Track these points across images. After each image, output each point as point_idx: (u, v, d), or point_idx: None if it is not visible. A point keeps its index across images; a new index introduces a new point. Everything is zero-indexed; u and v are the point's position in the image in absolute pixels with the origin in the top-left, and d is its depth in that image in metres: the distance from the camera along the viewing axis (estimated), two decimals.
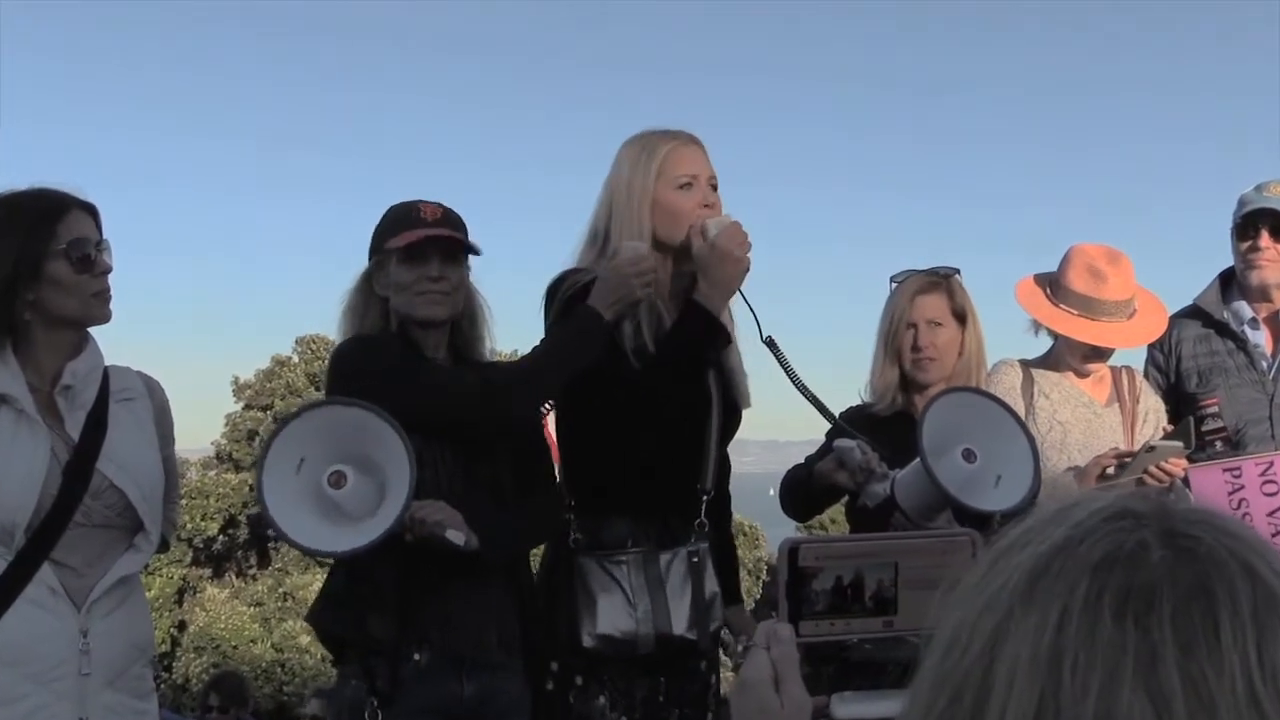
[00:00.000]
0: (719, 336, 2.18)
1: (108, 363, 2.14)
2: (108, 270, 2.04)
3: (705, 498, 2.25)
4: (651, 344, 2.18)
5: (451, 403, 2.05)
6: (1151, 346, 3.02)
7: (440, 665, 2.03)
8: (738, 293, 2.20)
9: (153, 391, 2.19)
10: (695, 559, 2.20)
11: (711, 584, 2.21)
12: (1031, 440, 2.24)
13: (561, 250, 2.30)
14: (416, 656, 2.02)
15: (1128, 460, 2.56)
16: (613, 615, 2.13)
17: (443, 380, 2.11)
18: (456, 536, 1.97)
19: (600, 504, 2.21)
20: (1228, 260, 3.02)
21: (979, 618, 0.55)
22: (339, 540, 1.90)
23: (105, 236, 2.06)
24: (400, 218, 2.16)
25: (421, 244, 2.11)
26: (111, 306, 2.06)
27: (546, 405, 2.23)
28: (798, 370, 2.27)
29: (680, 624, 2.16)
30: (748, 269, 2.16)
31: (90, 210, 2.07)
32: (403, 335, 2.15)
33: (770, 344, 2.24)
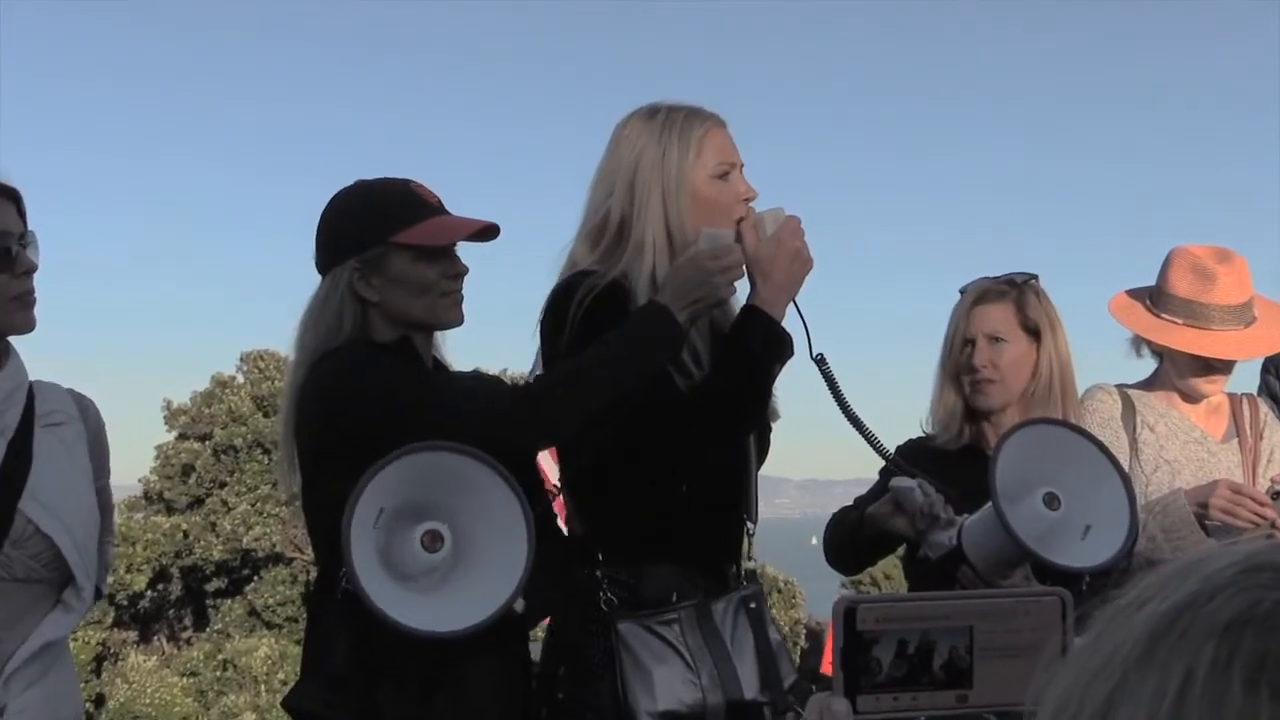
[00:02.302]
0: (785, 348, 2.13)
1: (32, 378, 2.08)
2: (31, 269, 1.98)
3: (750, 532, 2.24)
4: (700, 358, 2.14)
5: (491, 426, 1.96)
6: (1265, 370, 3.02)
7: None
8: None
9: (86, 413, 2.15)
10: (753, 605, 2.18)
11: (774, 632, 2.20)
12: (1128, 483, 2.21)
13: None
14: None
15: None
16: (674, 687, 2.07)
17: (478, 392, 2.07)
18: (519, 604, 1.90)
19: (637, 552, 2.15)
20: None
21: (1090, 684, 0.56)
22: (431, 614, 1.81)
23: (30, 228, 2.01)
24: (403, 203, 2.07)
25: (451, 237, 2.06)
26: (36, 312, 2.00)
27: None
28: (849, 395, 2.26)
29: (750, 686, 2.12)
30: (811, 267, 2.14)
31: (11, 196, 2.01)
32: (402, 347, 2.08)
33: (820, 362, 2.21)
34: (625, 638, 2.09)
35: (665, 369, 2.09)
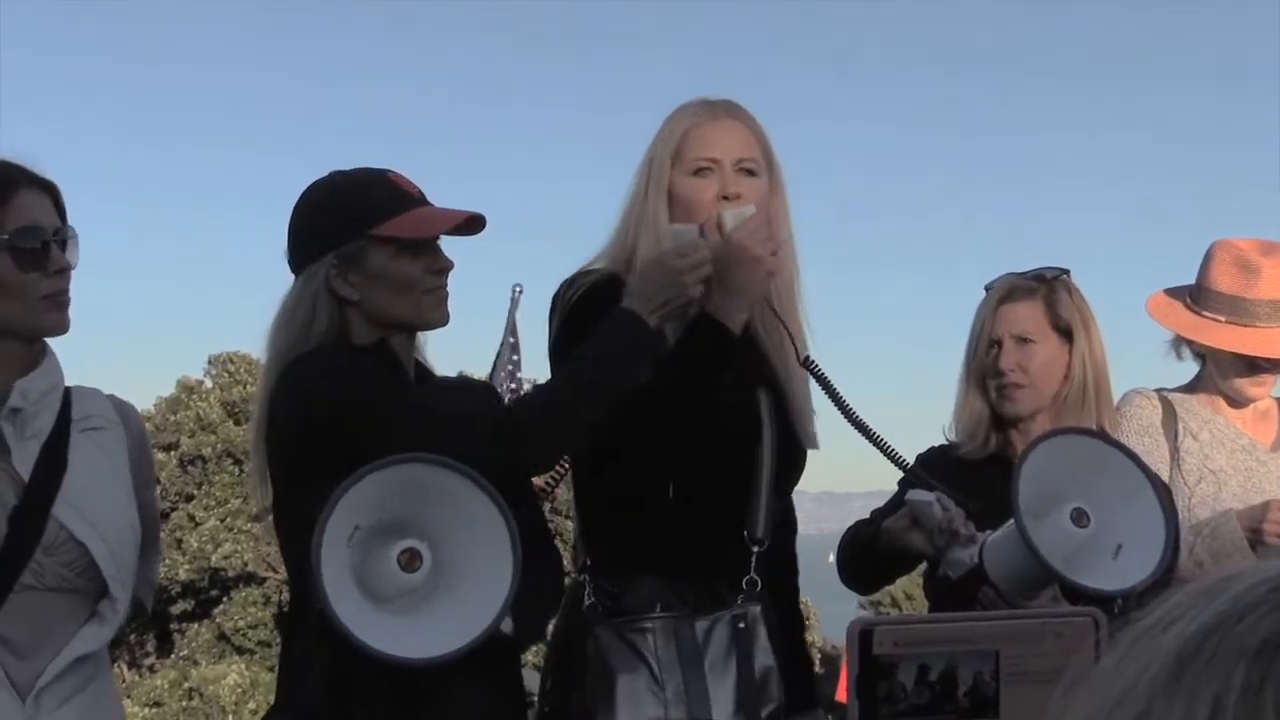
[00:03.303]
0: (739, 356, 2.20)
1: (69, 382, 2.10)
2: (66, 268, 2.01)
3: (756, 550, 2.25)
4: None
5: (476, 445, 1.97)
6: None
7: None
8: (768, 304, 2.23)
9: (128, 420, 2.16)
10: (742, 625, 2.19)
11: (765, 657, 2.20)
12: (1163, 498, 2.20)
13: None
14: None
15: None
16: (635, 698, 2.12)
17: (460, 414, 2.06)
18: (507, 625, 1.91)
19: (624, 559, 2.21)
20: None
21: (1112, 712, 0.56)
22: (410, 638, 1.81)
23: (70, 224, 2.03)
24: (382, 194, 2.08)
25: (435, 228, 2.07)
26: (70, 313, 2.03)
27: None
28: (848, 400, 2.29)
29: (724, 709, 2.14)
30: (771, 272, 2.19)
31: (46, 188, 2.03)
32: (380, 350, 2.07)
33: (808, 365, 2.27)
34: (599, 644, 2.14)
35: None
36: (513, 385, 6.41)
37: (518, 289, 6.88)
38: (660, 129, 2.31)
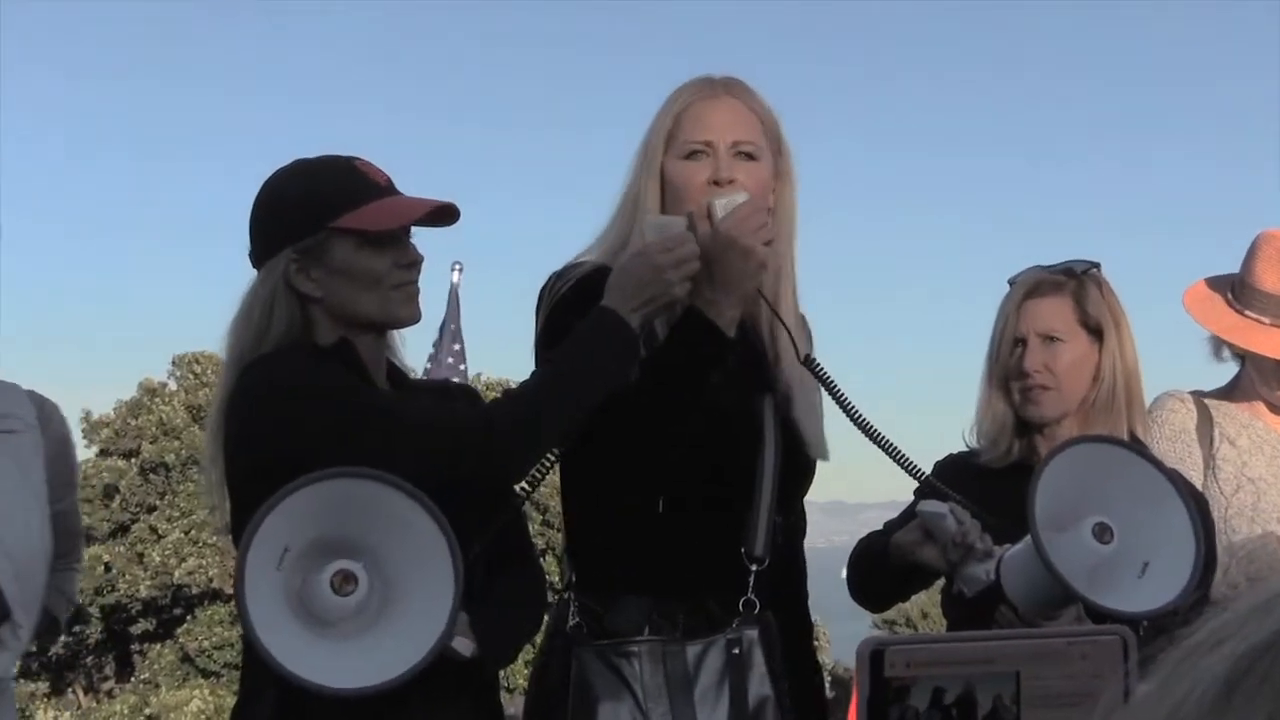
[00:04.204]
0: (729, 355, 2.18)
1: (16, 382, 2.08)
2: None
3: (755, 568, 2.23)
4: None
5: (446, 456, 1.97)
6: None
7: None
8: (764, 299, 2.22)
9: (48, 421, 2.14)
10: (736, 651, 2.18)
11: (761, 686, 2.19)
12: (1194, 512, 2.17)
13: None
14: None
15: None
16: None
17: (430, 421, 2.04)
18: (464, 646, 1.92)
19: (610, 576, 2.21)
20: None
21: None
22: (348, 669, 1.79)
23: None
24: (347, 184, 2.07)
25: (401, 219, 2.06)
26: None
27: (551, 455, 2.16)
28: (854, 402, 2.28)
29: None
30: (763, 264, 2.17)
31: None
32: (342, 351, 2.07)
33: (809, 364, 2.26)
34: (582, 667, 2.14)
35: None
36: (455, 380, 6.23)
37: (457, 267, 6.55)
38: (659, 109, 2.30)
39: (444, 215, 2.11)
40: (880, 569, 2.49)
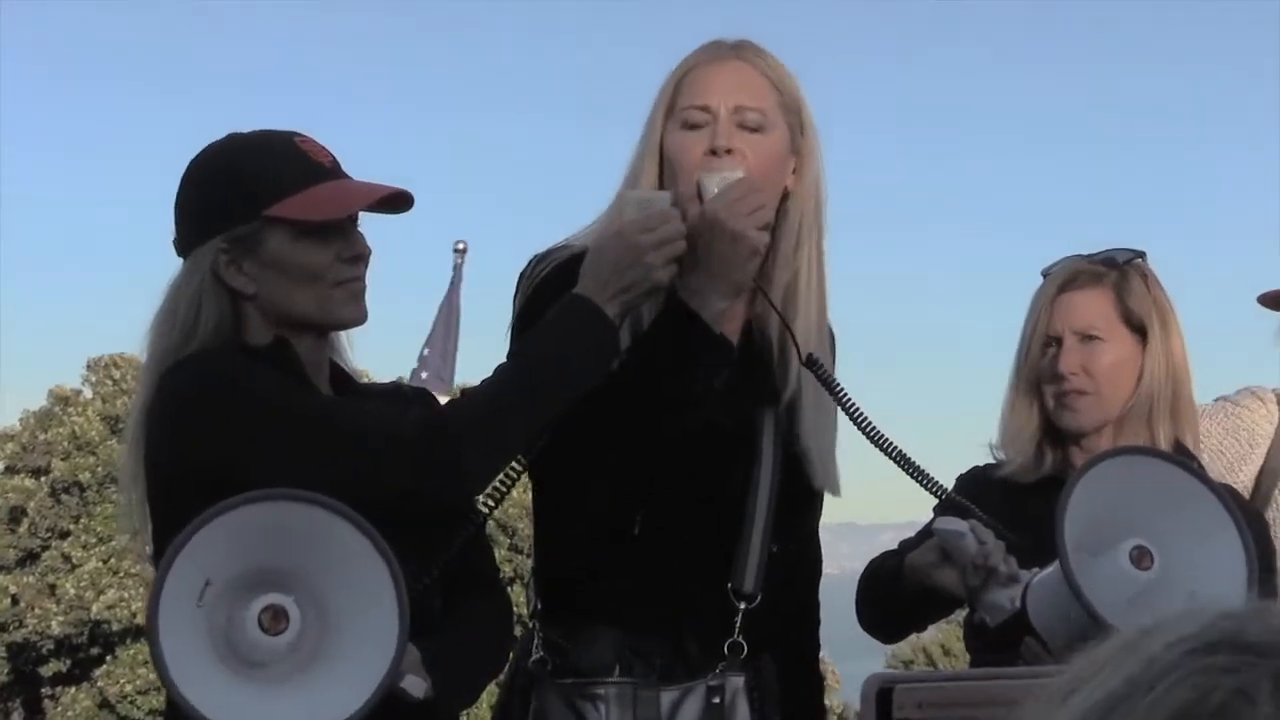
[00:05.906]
0: (714, 351, 2.16)
1: None
2: None
3: (743, 606, 2.22)
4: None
5: (393, 467, 1.96)
6: None
7: None
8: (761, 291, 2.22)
9: None
10: (717, 700, 2.16)
11: None
12: (1247, 535, 2.16)
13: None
14: None
15: None
16: None
17: (374, 427, 2.03)
18: (416, 686, 1.92)
19: (577, 607, 2.19)
20: None
21: None
22: (281, 716, 1.80)
23: None
24: (285, 165, 2.04)
25: (345, 208, 2.05)
26: None
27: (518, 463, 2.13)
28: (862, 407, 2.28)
29: None
30: (755, 251, 2.15)
31: None
32: (277, 352, 2.05)
33: (810, 364, 2.24)
34: (542, 709, 2.14)
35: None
36: (442, 377, 6.02)
37: (460, 247, 6.33)
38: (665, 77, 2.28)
39: (396, 202, 2.11)
40: (892, 594, 2.47)
